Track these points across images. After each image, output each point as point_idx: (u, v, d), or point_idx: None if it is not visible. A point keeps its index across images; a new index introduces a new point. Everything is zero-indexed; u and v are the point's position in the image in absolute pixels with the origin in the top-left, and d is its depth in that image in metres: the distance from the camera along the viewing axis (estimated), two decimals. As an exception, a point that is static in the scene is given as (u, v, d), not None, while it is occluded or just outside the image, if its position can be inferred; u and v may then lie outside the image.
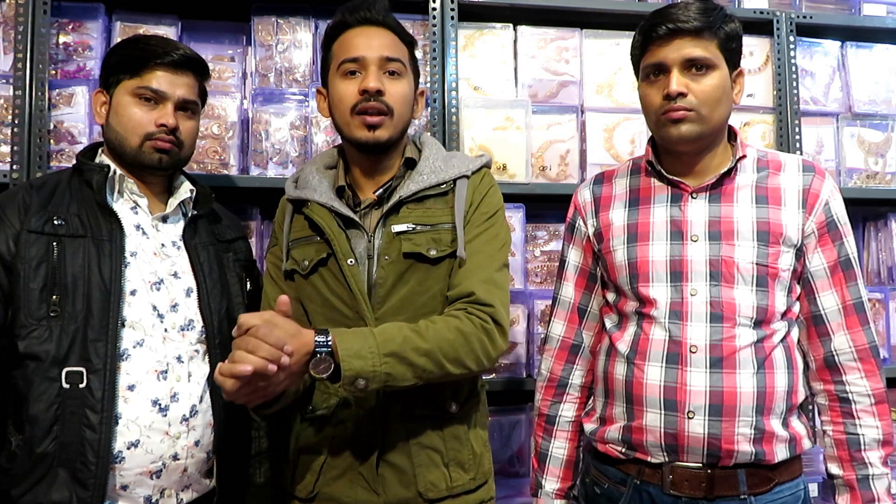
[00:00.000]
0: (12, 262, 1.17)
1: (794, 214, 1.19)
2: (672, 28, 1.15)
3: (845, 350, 1.18)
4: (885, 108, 2.08)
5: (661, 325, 1.18)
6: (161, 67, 1.27)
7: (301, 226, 1.27)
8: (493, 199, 1.28)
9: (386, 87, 1.21)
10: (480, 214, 1.25)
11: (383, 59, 1.22)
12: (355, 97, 1.21)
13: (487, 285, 1.19)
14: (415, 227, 1.21)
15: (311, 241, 1.25)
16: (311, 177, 1.29)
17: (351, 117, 1.21)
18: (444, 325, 1.14)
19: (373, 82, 1.20)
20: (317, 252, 1.23)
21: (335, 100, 1.24)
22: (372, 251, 1.22)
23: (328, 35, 1.28)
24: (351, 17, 1.25)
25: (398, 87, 1.23)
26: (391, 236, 1.21)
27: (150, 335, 1.22)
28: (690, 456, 1.16)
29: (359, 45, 1.22)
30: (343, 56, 1.23)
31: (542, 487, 1.35)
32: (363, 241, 1.22)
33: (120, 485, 1.17)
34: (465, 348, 1.14)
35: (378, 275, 1.20)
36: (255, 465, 1.41)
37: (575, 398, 1.35)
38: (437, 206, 1.24)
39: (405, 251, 1.20)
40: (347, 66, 1.22)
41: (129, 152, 1.27)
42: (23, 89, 1.61)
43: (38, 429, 1.14)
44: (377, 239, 1.22)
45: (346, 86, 1.22)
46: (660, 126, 1.20)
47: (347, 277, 1.19)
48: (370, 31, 1.24)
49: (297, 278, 1.26)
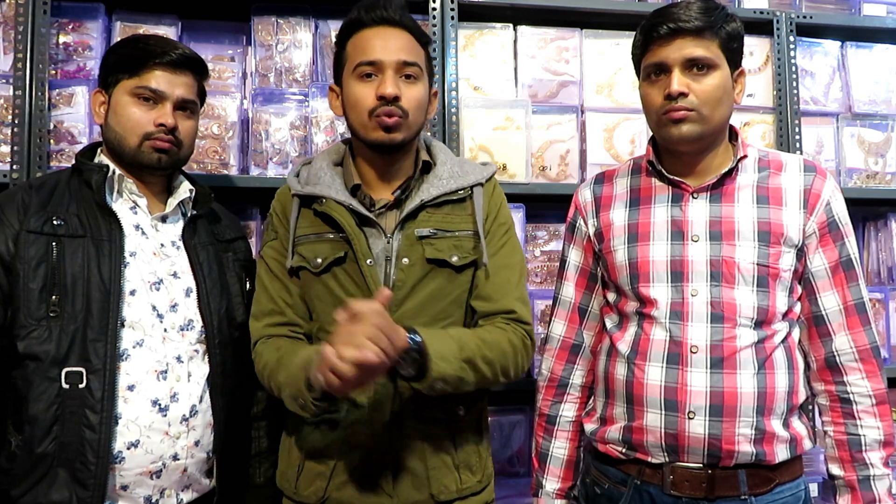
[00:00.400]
0: (12, 262, 1.17)
1: (796, 214, 1.19)
2: (673, 28, 1.15)
3: (846, 350, 1.18)
4: (885, 108, 2.08)
5: (662, 326, 1.18)
6: (160, 67, 1.27)
7: (311, 222, 1.24)
8: (507, 209, 1.33)
9: (402, 91, 1.19)
10: (499, 226, 1.28)
11: (400, 64, 1.20)
12: (373, 102, 1.18)
13: (522, 303, 1.25)
14: (436, 232, 1.22)
15: (324, 238, 1.22)
16: (322, 173, 1.25)
17: (368, 119, 1.20)
18: (502, 337, 1.20)
19: (390, 88, 1.17)
20: (332, 250, 1.21)
21: (351, 101, 1.22)
22: (390, 253, 1.21)
23: (343, 32, 1.26)
24: (367, 16, 1.21)
25: (414, 91, 1.21)
26: (412, 239, 1.21)
27: (149, 335, 1.22)
28: (691, 456, 1.15)
29: (375, 47, 1.20)
30: (359, 58, 1.20)
31: (543, 487, 1.35)
32: (381, 243, 1.21)
33: (120, 485, 1.17)
34: (513, 361, 1.21)
35: (397, 277, 1.20)
36: (255, 465, 1.41)
37: (575, 398, 1.35)
38: (455, 212, 1.25)
39: (429, 256, 1.20)
40: (364, 69, 1.20)
41: (128, 152, 1.27)
42: (23, 89, 1.61)
43: (37, 429, 1.14)
44: (395, 241, 1.21)
45: (363, 89, 1.20)
46: (661, 126, 1.20)
47: (367, 278, 1.18)
48: (387, 32, 1.21)
49: (304, 276, 1.24)
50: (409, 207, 1.22)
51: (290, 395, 1.13)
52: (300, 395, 1.10)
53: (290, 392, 1.13)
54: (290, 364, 1.14)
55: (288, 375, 1.14)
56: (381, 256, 1.21)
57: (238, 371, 1.29)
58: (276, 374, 1.17)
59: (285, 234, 1.26)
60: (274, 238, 1.29)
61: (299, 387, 1.10)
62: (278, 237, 1.28)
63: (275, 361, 1.18)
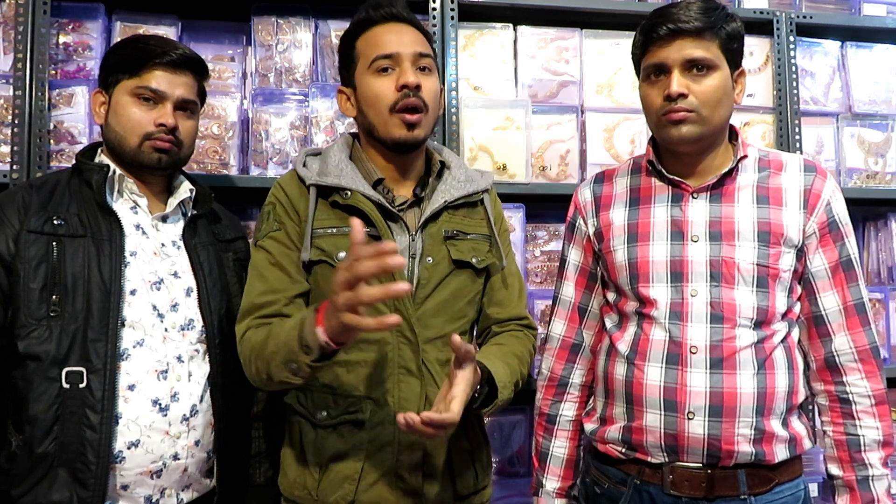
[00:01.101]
0: (12, 262, 1.17)
1: (796, 215, 1.19)
2: (673, 28, 1.15)
3: (846, 351, 1.18)
4: (885, 108, 2.08)
5: (662, 326, 1.18)
6: (160, 67, 1.27)
7: (329, 215, 1.20)
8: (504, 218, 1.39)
9: (422, 81, 1.19)
10: (504, 232, 1.35)
11: (416, 55, 1.19)
12: (394, 94, 1.17)
13: (526, 311, 1.35)
14: (457, 233, 1.24)
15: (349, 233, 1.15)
16: (343, 165, 1.22)
17: (390, 116, 1.18)
18: (525, 349, 1.29)
19: (412, 77, 1.17)
20: None
21: (370, 98, 1.20)
22: (414, 251, 1.21)
23: (350, 33, 1.25)
24: (376, 14, 1.21)
25: (431, 83, 1.21)
26: (438, 239, 1.22)
27: (150, 335, 1.22)
28: (690, 456, 1.15)
29: (391, 41, 1.19)
30: (375, 53, 1.19)
31: (543, 487, 1.35)
32: (405, 240, 1.21)
33: (120, 485, 1.17)
34: (528, 368, 1.29)
35: (421, 275, 1.20)
36: (255, 464, 1.41)
37: (575, 397, 1.35)
38: (470, 215, 1.28)
39: (454, 257, 1.23)
40: (381, 63, 1.18)
41: (128, 152, 1.27)
42: (23, 89, 1.61)
43: (38, 429, 1.14)
44: (419, 239, 1.22)
45: (382, 83, 1.18)
46: (660, 127, 1.20)
47: (395, 276, 1.16)
48: (398, 28, 1.21)
49: (321, 270, 1.19)
50: (434, 206, 1.22)
51: (282, 361, 1.06)
52: (293, 357, 1.04)
53: (282, 358, 1.06)
54: (278, 333, 1.09)
55: (278, 343, 1.08)
56: (404, 253, 1.20)
57: (238, 371, 1.29)
58: (263, 349, 1.11)
59: (294, 225, 1.21)
60: (277, 229, 1.22)
61: (292, 347, 1.04)
62: (284, 228, 1.21)
63: (262, 339, 1.12)
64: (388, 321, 0.94)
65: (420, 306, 1.19)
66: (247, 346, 1.17)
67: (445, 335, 1.20)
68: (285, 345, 1.06)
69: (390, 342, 1.19)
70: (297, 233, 1.21)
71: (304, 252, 1.19)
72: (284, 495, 1.25)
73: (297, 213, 1.22)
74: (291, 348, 1.04)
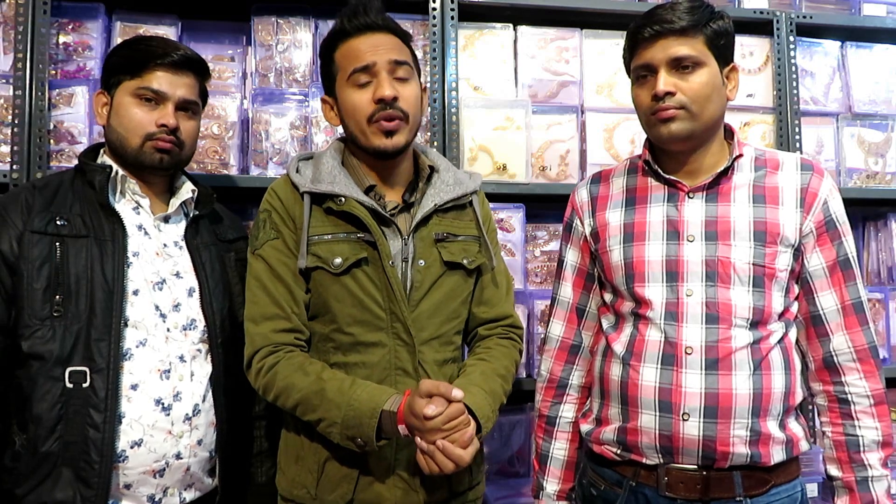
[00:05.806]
0: (15, 262, 1.18)
1: (792, 214, 1.19)
2: (657, 29, 1.16)
3: (844, 351, 1.18)
4: (885, 108, 2.08)
5: (657, 326, 1.18)
6: (161, 68, 1.28)
7: (324, 221, 1.22)
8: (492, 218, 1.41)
9: (399, 91, 1.20)
10: (492, 233, 1.37)
11: (392, 64, 1.21)
12: (371, 107, 1.19)
13: (513, 307, 1.38)
14: (447, 235, 1.26)
15: (344, 238, 1.21)
16: (336, 171, 1.24)
17: (368, 126, 1.20)
18: (510, 360, 1.31)
19: (388, 90, 1.18)
20: (353, 251, 1.20)
21: (349, 110, 1.22)
22: (407, 254, 1.23)
23: (327, 44, 1.27)
24: (350, 25, 1.22)
25: (409, 90, 1.22)
26: (429, 242, 1.24)
27: (152, 335, 1.23)
28: (685, 458, 1.16)
29: (365, 52, 1.20)
30: (352, 66, 1.21)
31: (544, 489, 1.36)
32: (397, 244, 1.23)
33: (123, 484, 1.18)
34: (513, 378, 1.31)
35: (415, 278, 1.22)
36: (257, 464, 1.41)
37: (575, 399, 1.35)
38: (459, 217, 1.30)
39: (445, 259, 1.25)
40: (358, 78, 1.20)
41: (130, 153, 1.27)
42: (23, 89, 1.61)
43: (41, 428, 1.14)
44: (411, 243, 1.23)
45: (359, 95, 1.20)
46: (651, 126, 1.21)
47: (391, 279, 1.19)
48: (373, 38, 1.22)
49: (319, 276, 1.21)
50: (425, 210, 1.24)
51: (347, 435, 1.12)
52: (367, 439, 1.11)
53: (348, 433, 1.12)
54: (339, 403, 1.13)
55: (347, 417, 1.12)
56: (397, 258, 1.22)
57: (240, 370, 1.30)
58: (310, 401, 1.15)
59: (290, 233, 1.23)
60: (275, 237, 1.23)
61: (366, 433, 1.11)
62: (281, 236, 1.23)
63: (310, 389, 1.15)
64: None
65: (415, 308, 1.21)
66: (279, 379, 1.18)
67: (441, 336, 1.25)
68: (357, 424, 1.12)
69: (387, 344, 1.21)
70: (293, 241, 1.23)
71: (300, 259, 1.20)
72: (283, 495, 1.26)
73: (293, 219, 1.23)
74: (366, 434, 1.11)
